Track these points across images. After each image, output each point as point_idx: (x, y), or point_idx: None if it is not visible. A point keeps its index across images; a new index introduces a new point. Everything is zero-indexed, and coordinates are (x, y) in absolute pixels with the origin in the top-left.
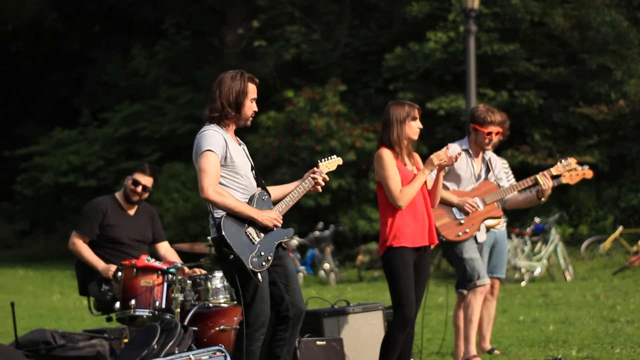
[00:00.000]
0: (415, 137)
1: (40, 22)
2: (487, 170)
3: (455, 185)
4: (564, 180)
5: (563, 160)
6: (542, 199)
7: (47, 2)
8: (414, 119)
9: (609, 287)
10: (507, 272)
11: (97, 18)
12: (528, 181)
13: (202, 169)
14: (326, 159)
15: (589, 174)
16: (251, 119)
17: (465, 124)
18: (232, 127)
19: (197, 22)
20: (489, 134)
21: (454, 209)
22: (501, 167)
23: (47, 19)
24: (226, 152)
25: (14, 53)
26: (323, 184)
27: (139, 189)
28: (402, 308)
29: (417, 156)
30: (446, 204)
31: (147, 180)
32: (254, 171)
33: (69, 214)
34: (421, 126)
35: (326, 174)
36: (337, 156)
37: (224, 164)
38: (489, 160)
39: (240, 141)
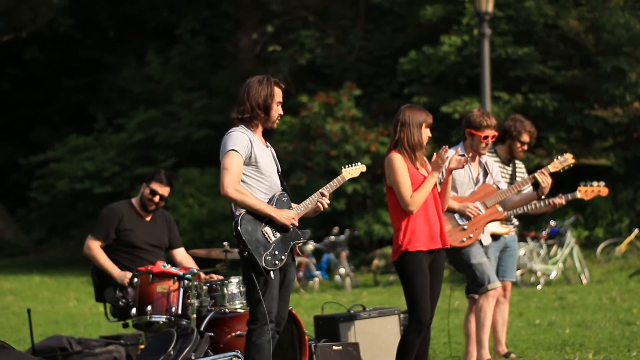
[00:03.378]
0: (423, 142)
1: (55, 28)
2: (485, 174)
3: (455, 191)
4: (578, 196)
5: (560, 157)
6: (542, 197)
7: (62, 8)
8: (427, 125)
9: (625, 290)
10: (523, 276)
11: (112, 24)
12: (527, 180)
13: (225, 167)
14: (349, 165)
15: (604, 191)
16: (277, 121)
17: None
18: (260, 129)
19: (211, 28)
20: (485, 137)
21: (456, 215)
22: (498, 170)
23: (62, 25)
24: (251, 152)
25: (30, 59)
26: (322, 206)
27: (157, 198)
28: (418, 312)
29: (427, 161)
30: (447, 210)
31: (164, 190)
32: (279, 174)
33: (84, 220)
34: (430, 135)
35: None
36: (361, 163)
37: (248, 163)
38: (486, 163)
39: (268, 144)
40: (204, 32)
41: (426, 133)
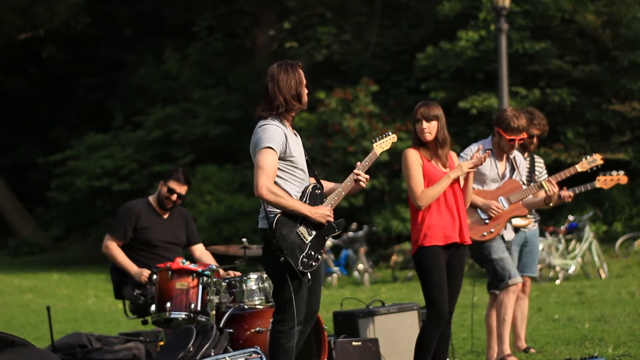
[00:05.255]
0: (422, 137)
1: (72, 27)
2: (512, 170)
3: (480, 185)
4: (597, 185)
5: (588, 157)
6: (550, 205)
7: (79, 7)
8: (416, 121)
9: None
10: (542, 271)
11: (129, 22)
12: (536, 186)
13: (260, 166)
14: (380, 137)
15: (623, 179)
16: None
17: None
18: (291, 117)
19: (228, 24)
20: (512, 140)
21: (478, 210)
22: (525, 167)
23: (79, 23)
24: (286, 147)
25: (47, 58)
26: (364, 183)
27: (174, 197)
28: (435, 306)
29: (452, 156)
30: (470, 205)
31: (182, 189)
32: (308, 163)
33: (103, 217)
34: (424, 127)
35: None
36: (391, 133)
37: (283, 158)
38: (514, 159)
39: (296, 132)
40: (221, 29)
41: (417, 128)
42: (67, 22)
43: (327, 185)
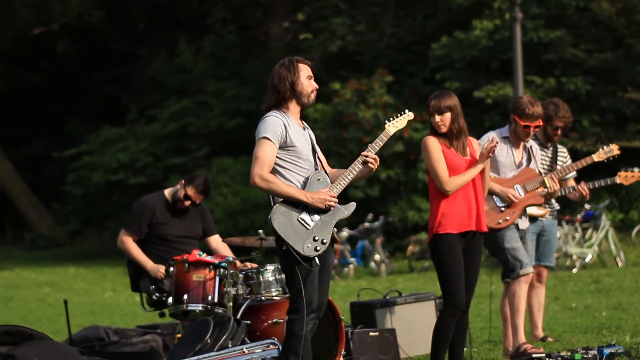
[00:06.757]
0: (437, 130)
1: (86, 21)
2: (529, 159)
3: (496, 173)
4: (618, 181)
5: (605, 147)
6: (549, 200)
7: (92, 1)
8: (429, 114)
9: None
10: (559, 260)
11: (143, 15)
12: (537, 182)
13: (255, 155)
14: (394, 117)
15: None
16: (313, 96)
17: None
18: (297, 110)
19: (242, 16)
20: (527, 127)
21: (495, 197)
22: (540, 157)
23: (92, 17)
24: (286, 137)
25: (61, 52)
26: (373, 165)
27: (187, 203)
28: (451, 295)
29: (472, 143)
30: (487, 192)
31: (197, 198)
32: (317, 155)
33: (119, 211)
34: (437, 120)
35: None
36: (407, 112)
37: (284, 147)
38: (530, 148)
39: (306, 125)
40: (234, 21)
41: (434, 119)
42: (80, 16)
43: (336, 172)
